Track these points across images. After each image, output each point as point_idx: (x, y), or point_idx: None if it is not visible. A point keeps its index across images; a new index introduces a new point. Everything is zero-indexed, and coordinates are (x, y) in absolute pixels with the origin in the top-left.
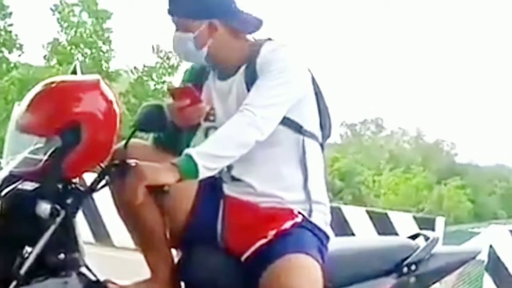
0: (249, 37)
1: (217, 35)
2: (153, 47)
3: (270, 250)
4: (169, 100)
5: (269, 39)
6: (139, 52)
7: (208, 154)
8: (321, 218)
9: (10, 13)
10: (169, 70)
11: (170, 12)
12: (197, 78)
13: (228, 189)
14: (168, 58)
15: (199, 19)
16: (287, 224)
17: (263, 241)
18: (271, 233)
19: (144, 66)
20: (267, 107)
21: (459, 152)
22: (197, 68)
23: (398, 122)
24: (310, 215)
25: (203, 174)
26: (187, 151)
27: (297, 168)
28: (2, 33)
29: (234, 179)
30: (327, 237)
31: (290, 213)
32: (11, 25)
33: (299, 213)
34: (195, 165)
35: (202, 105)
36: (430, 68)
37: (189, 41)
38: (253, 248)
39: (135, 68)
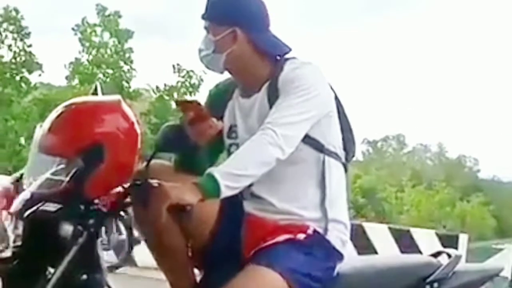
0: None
1: (238, 44)
2: (174, 66)
3: (264, 253)
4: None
5: (293, 57)
6: (160, 71)
7: (230, 174)
8: (338, 237)
9: (29, 33)
10: (190, 89)
11: (203, 16)
12: (221, 97)
13: (248, 206)
14: (189, 77)
15: (223, 25)
16: (299, 236)
17: (272, 241)
18: (283, 237)
19: (165, 85)
20: (289, 125)
21: (482, 168)
22: (221, 87)
23: (420, 139)
24: (325, 233)
25: (225, 193)
26: (209, 170)
27: (316, 187)
28: (22, 53)
29: (254, 196)
30: (341, 257)
31: (305, 229)
32: (30, 45)
33: (315, 230)
34: (217, 184)
35: (212, 121)
36: (451, 84)
37: (211, 44)
38: (260, 246)
39: (157, 87)
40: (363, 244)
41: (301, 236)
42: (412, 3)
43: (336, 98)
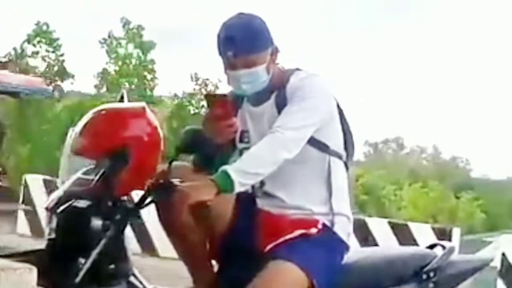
0: (279, 66)
1: (274, 59)
2: (191, 75)
3: (283, 248)
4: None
5: (297, 69)
6: (181, 80)
7: (242, 171)
8: (343, 229)
9: (60, 45)
10: None
11: (236, 54)
12: (232, 104)
13: (261, 203)
14: (206, 85)
15: (265, 49)
16: (312, 230)
17: (289, 236)
18: (298, 232)
19: (184, 92)
20: (295, 129)
21: (473, 167)
22: (233, 95)
23: (417, 141)
24: (332, 226)
25: (238, 189)
26: (223, 168)
27: (322, 184)
28: (55, 64)
29: (266, 194)
30: (347, 247)
31: (315, 224)
32: (62, 55)
33: (324, 224)
34: (231, 181)
35: (233, 120)
36: (446, 90)
37: (262, 72)
38: (277, 242)
39: (175, 95)
40: (365, 237)
41: (313, 230)
42: (408, 10)
43: (338, 106)
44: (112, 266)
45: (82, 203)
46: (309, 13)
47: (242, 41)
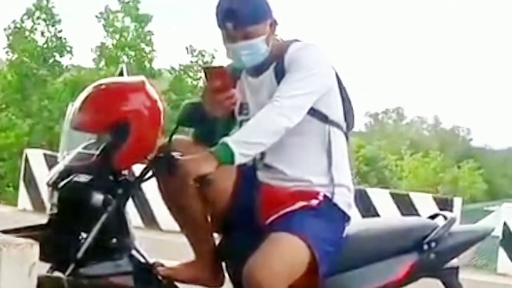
0: (278, 38)
1: (273, 31)
2: (187, 48)
3: (284, 221)
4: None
5: (296, 39)
6: (178, 52)
7: (243, 142)
8: (344, 200)
9: (59, 20)
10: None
11: (235, 26)
12: (234, 76)
13: (262, 176)
14: (202, 56)
15: (264, 21)
16: (313, 202)
17: (290, 209)
18: (299, 204)
19: (180, 65)
20: (295, 97)
21: (474, 137)
22: (232, 67)
23: (417, 111)
24: (333, 198)
25: (239, 160)
26: (223, 139)
27: (323, 155)
28: (54, 39)
29: (267, 166)
30: (348, 218)
31: (316, 195)
32: (60, 31)
33: (325, 196)
34: (232, 152)
35: (233, 92)
36: (446, 60)
37: (262, 44)
38: (278, 214)
39: (172, 68)
40: (366, 208)
41: (314, 202)
42: None
43: (337, 76)
44: (114, 240)
45: (83, 178)
46: None
47: (242, 12)
